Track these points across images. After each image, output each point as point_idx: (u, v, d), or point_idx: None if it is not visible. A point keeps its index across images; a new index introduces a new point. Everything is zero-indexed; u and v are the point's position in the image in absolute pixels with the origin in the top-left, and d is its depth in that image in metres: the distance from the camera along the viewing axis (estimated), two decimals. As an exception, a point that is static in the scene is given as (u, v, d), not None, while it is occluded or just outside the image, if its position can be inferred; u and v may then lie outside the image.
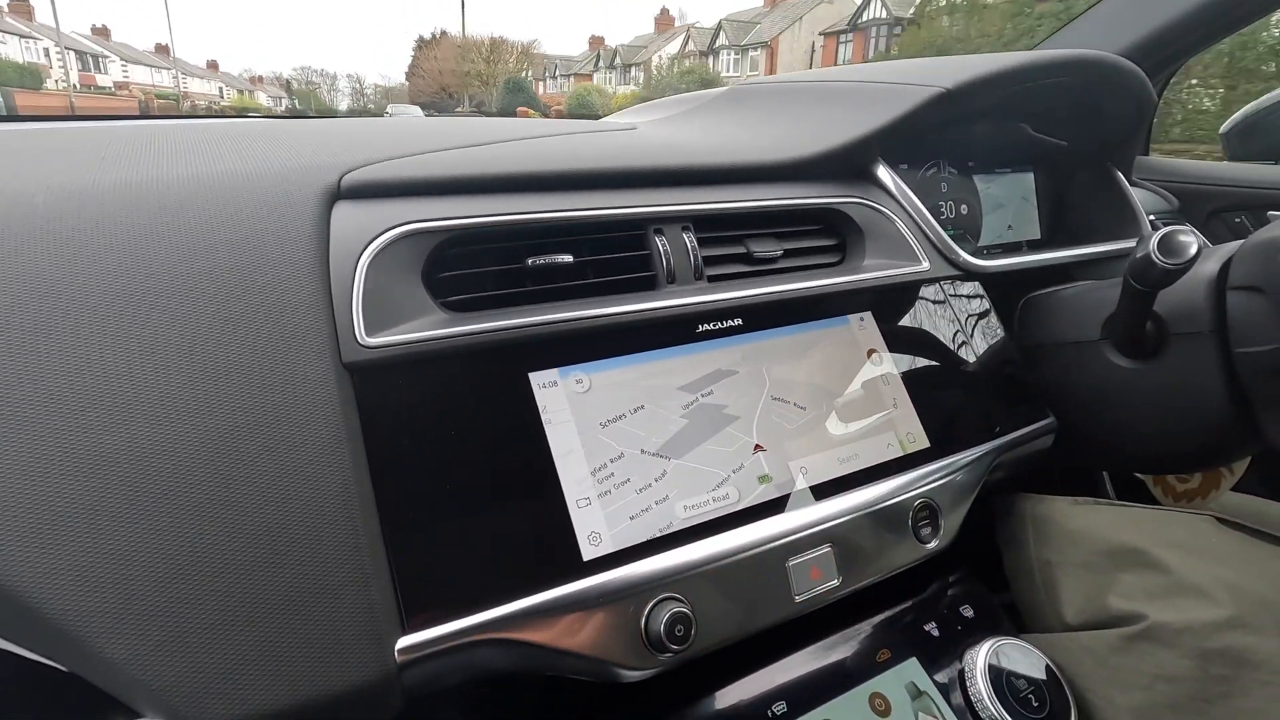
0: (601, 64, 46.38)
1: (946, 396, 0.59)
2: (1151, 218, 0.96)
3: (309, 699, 0.33)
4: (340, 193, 0.44)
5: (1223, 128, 1.18)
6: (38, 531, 0.30)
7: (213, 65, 60.01)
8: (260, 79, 58.30)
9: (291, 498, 0.35)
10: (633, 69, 43.62)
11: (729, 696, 0.46)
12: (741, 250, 0.56)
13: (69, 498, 0.31)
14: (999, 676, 0.49)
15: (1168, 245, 0.51)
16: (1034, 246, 0.86)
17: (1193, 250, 0.50)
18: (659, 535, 0.44)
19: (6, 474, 0.31)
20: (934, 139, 0.76)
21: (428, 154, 0.50)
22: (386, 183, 0.45)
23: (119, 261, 0.36)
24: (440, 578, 0.38)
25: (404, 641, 0.36)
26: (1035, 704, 0.48)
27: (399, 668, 0.35)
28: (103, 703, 0.32)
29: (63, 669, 0.32)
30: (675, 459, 0.46)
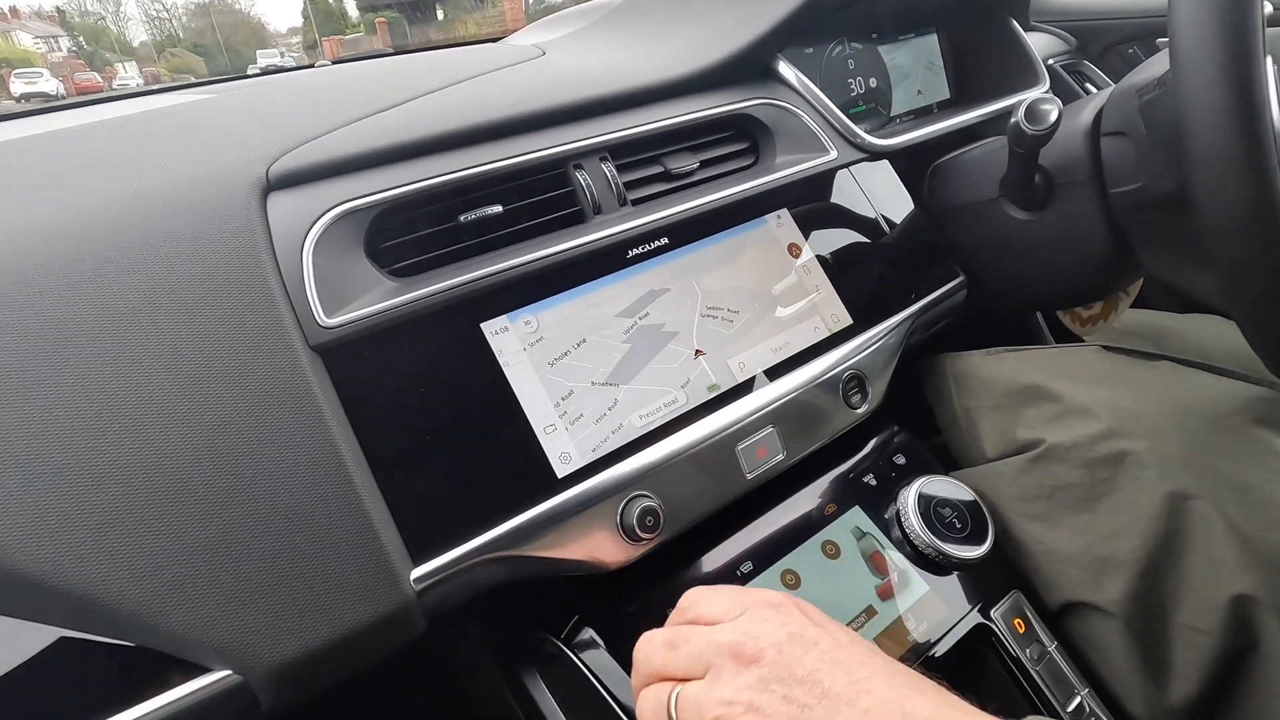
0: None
1: (864, 274, 0.65)
2: (1050, 61, 0.99)
3: (345, 634, 0.40)
4: (270, 184, 0.46)
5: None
6: (91, 539, 0.35)
7: (-64, -2, 45.44)
8: (15, 12, 46.42)
9: (294, 474, 0.40)
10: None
11: (702, 567, 0.54)
12: (660, 170, 0.59)
13: (106, 507, 0.36)
14: (927, 507, 0.57)
15: (1033, 114, 0.57)
16: (944, 107, 0.89)
17: (1053, 117, 0.56)
18: (622, 446, 0.50)
19: (52, 496, 0.35)
20: (835, 17, 0.77)
21: (345, 128, 0.52)
22: (312, 167, 0.47)
23: (87, 296, 0.39)
24: (437, 514, 0.44)
25: (416, 572, 0.42)
26: (959, 525, 0.57)
27: (417, 594, 0.42)
28: (170, 663, 0.38)
29: (130, 644, 0.38)
30: (624, 385, 0.51)
